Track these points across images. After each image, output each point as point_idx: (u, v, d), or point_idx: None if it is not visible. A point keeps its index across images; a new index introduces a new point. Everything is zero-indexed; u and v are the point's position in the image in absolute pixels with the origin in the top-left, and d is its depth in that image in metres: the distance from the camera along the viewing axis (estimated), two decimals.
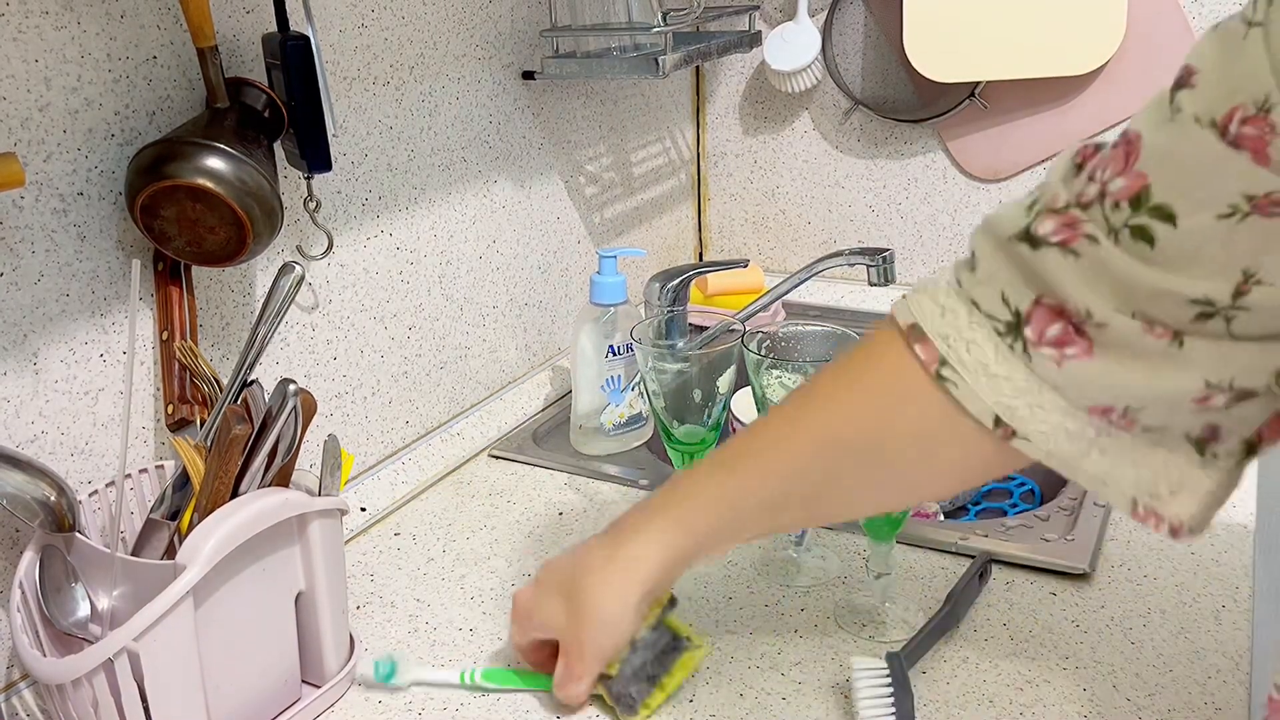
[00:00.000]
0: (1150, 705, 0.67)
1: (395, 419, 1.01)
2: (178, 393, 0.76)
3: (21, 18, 0.65)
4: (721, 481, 0.64)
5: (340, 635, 0.72)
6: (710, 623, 0.78)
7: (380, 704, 0.71)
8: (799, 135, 1.46)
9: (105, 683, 0.59)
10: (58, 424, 0.71)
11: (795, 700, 0.69)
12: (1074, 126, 1.29)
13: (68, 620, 0.64)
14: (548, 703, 0.70)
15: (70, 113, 0.69)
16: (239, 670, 0.65)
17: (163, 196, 0.68)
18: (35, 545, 0.65)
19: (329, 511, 0.68)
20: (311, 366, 0.91)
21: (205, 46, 0.71)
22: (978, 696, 0.69)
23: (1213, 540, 0.84)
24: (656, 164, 1.43)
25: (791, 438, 0.62)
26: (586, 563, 0.67)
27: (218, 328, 0.81)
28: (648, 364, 0.82)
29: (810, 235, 1.50)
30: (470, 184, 1.07)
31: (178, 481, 0.70)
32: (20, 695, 0.69)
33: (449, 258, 1.05)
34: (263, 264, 0.85)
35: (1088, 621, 0.76)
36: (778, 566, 0.84)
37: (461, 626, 0.79)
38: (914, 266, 1.44)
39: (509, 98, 1.10)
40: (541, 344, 1.22)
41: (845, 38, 1.39)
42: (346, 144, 0.91)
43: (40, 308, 0.69)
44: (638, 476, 1.00)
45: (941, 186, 1.39)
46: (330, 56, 0.88)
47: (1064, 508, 0.89)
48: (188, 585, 0.59)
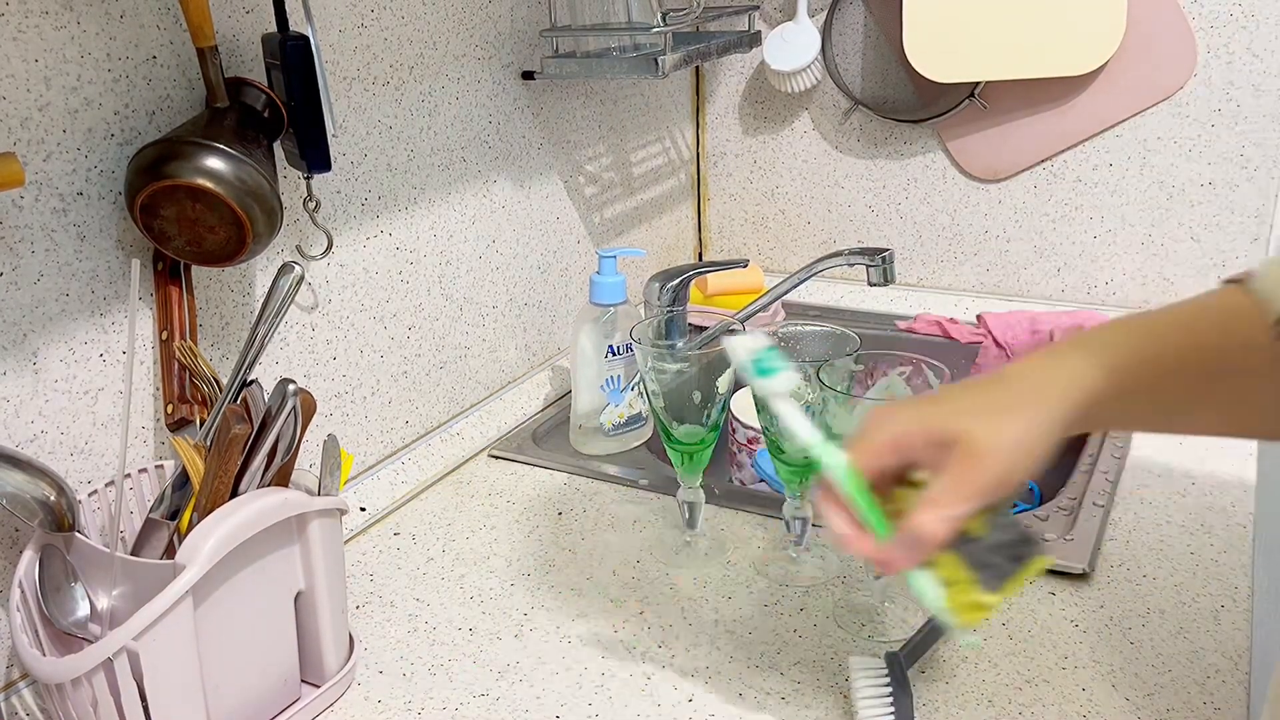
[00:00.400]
0: (1149, 705, 0.67)
1: (395, 419, 1.01)
2: (177, 392, 0.76)
3: (21, 18, 0.65)
4: (1139, 344, 0.58)
5: (340, 635, 0.72)
6: (710, 622, 0.78)
7: (380, 704, 0.71)
8: (799, 135, 1.46)
9: (105, 682, 0.59)
10: (57, 424, 0.71)
11: (795, 700, 0.69)
12: (1074, 126, 1.29)
13: (67, 620, 0.64)
14: (547, 704, 0.70)
15: (70, 112, 0.69)
16: (238, 670, 0.65)
17: (162, 196, 0.68)
18: (35, 545, 0.65)
19: (328, 511, 0.68)
20: (311, 366, 0.91)
21: (205, 46, 0.71)
22: (977, 696, 0.69)
23: (1212, 540, 0.84)
24: (656, 164, 1.43)
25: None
26: (992, 379, 0.57)
27: (217, 328, 0.81)
28: (647, 364, 0.82)
29: (810, 235, 1.50)
30: (470, 184, 1.07)
31: (177, 481, 0.70)
32: (20, 695, 0.69)
33: (449, 258, 1.05)
34: (262, 264, 0.85)
35: (1087, 621, 0.76)
36: (778, 566, 0.84)
37: (461, 626, 0.79)
38: (914, 266, 1.44)
39: (509, 98, 1.10)
40: (541, 344, 1.22)
41: (845, 38, 1.39)
42: (346, 144, 0.91)
43: (40, 307, 0.69)
44: (637, 476, 1.00)
45: (941, 186, 1.39)
46: (330, 56, 0.88)
47: (1063, 508, 0.89)
48: (187, 585, 0.59)
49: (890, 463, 0.57)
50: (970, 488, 0.53)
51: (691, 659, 0.74)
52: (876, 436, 0.57)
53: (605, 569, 0.86)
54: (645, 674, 0.73)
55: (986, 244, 1.39)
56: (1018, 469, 0.53)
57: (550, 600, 0.82)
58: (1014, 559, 0.55)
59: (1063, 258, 1.35)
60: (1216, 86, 1.21)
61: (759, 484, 1.07)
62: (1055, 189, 1.33)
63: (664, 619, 0.79)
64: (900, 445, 0.56)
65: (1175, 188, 1.27)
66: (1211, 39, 1.19)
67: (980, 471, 0.53)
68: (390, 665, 0.75)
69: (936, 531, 0.53)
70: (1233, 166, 1.23)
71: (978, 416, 0.54)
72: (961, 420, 0.54)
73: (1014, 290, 1.39)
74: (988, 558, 0.55)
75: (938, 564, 0.56)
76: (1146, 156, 1.27)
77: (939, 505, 0.53)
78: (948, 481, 0.53)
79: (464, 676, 0.73)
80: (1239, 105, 1.20)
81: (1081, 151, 1.30)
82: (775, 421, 0.78)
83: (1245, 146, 1.22)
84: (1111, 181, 1.30)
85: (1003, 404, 0.55)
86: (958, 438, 0.54)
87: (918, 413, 0.56)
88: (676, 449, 0.84)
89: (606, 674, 0.73)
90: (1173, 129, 1.25)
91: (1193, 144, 1.24)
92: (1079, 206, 1.32)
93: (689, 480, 0.85)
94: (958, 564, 0.55)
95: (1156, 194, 1.28)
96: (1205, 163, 1.24)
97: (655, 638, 0.76)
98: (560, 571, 0.85)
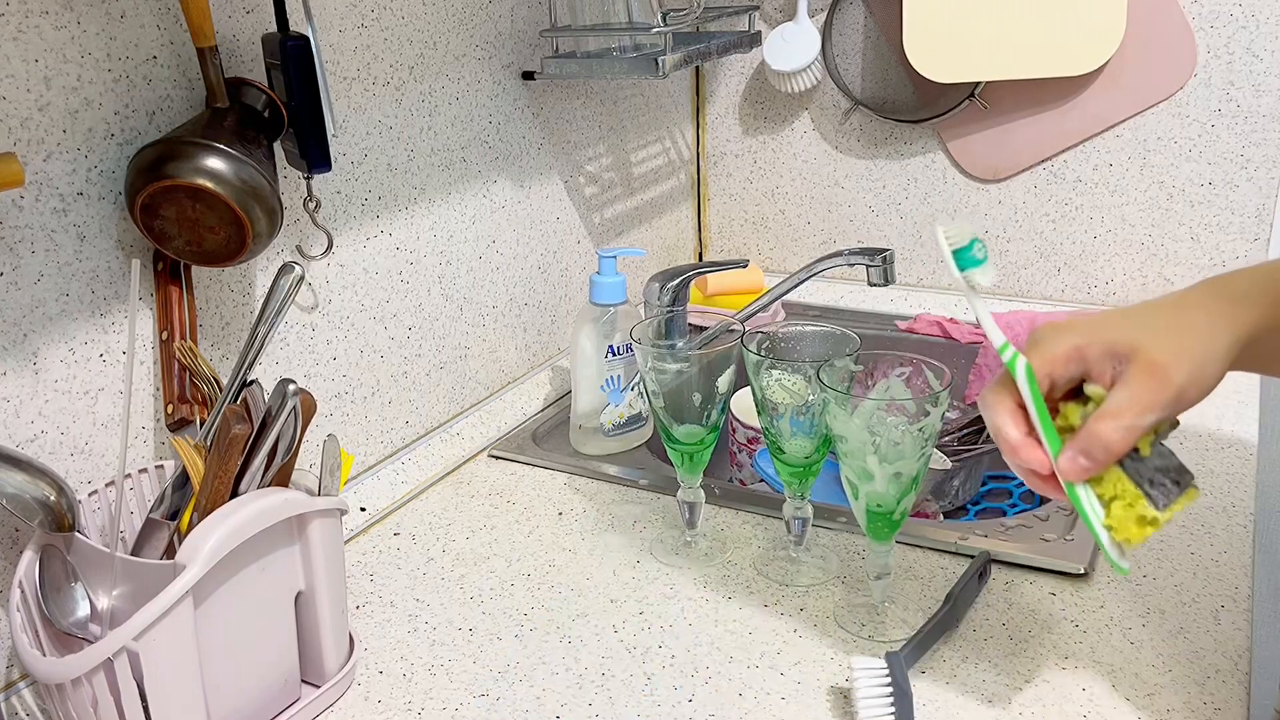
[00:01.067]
0: (1149, 705, 0.67)
1: (395, 419, 1.01)
2: (177, 393, 0.76)
3: (21, 18, 0.65)
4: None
5: (340, 635, 0.72)
6: (710, 623, 0.78)
7: (380, 704, 0.71)
8: (799, 135, 1.46)
9: (105, 682, 0.59)
10: (58, 424, 0.71)
11: (795, 700, 0.69)
12: (1074, 126, 1.29)
13: (67, 620, 0.64)
14: (547, 704, 0.70)
15: (70, 112, 0.69)
16: (238, 670, 0.65)
17: (163, 196, 0.68)
18: (35, 545, 0.65)
19: (328, 511, 0.68)
20: (311, 366, 0.91)
21: (205, 46, 0.71)
22: (977, 696, 0.69)
23: (1212, 540, 0.84)
24: (656, 164, 1.43)
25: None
26: (1160, 303, 0.57)
27: (217, 328, 0.81)
28: (647, 364, 0.82)
29: (810, 235, 1.50)
30: (470, 184, 1.07)
31: (177, 481, 0.70)
32: (20, 695, 0.69)
33: (449, 258, 1.05)
34: (263, 264, 0.85)
35: (1087, 621, 0.76)
36: (778, 566, 0.84)
37: (461, 626, 0.79)
38: (914, 266, 1.44)
39: (509, 98, 1.10)
40: (541, 344, 1.22)
41: (845, 38, 1.39)
42: (346, 144, 0.91)
43: (40, 308, 0.69)
44: (637, 476, 1.00)
45: (941, 186, 1.39)
46: (330, 56, 0.88)
47: (1063, 508, 0.89)
48: (187, 585, 0.59)
49: (1065, 373, 0.56)
50: (1153, 400, 0.53)
51: (691, 659, 0.74)
52: (1055, 346, 0.56)
53: (605, 569, 0.86)
54: (645, 674, 0.73)
55: (987, 244, 1.38)
56: (1197, 386, 0.53)
57: (550, 600, 0.82)
58: (1176, 483, 0.55)
59: (1063, 258, 1.35)
60: (1216, 86, 1.21)
61: (759, 484, 1.07)
62: (1055, 189, 1.33)
63: (664, 619, 0.79)
64: (1078, 355, 0.56)
65: (1175, 188, 1.27)
66: (1211, 39, 1.19)
67: (1163, 384, 0.53)
68: (390, 665, 0.75)
69: (1117, 441, 0.53)
70: (1233, 166, 1.23)
71: (1158, 333, 0.54)
72: (1142, 335, 0.54)
73: (1014, 290, 1.39)
74: (1155, 476, 0.54)
75: (1102, 481, 0.55)
76: (1146, 156, 1.27)
77: (1121, 415, 0.53)
78: (1130, 392, 0.53)
79: (464, 676, 0.73)
80: (1239, 105, 1.20)
81: (1081, 151, 1.30)
82: (776, 421, 0.78)
83: (1245, 146, 1.22)
84: (1111, 181, 1.30)
85: (1180, 324, 0.55)
86: (1139, 351, 0.53)
87: (1093, 326, 0.56)
88: (676, 449, 0.84)
89: (606, 674, 0.73)
90: (1173, 129, 1.25)
91: (1193, 144, 1.24)
92: (1079, 206, 1.32)
93: (689, 480, 0.85)
94: (1125, 480, 0.54)
95: (1156, 194, 1.28)
96: (1205, 163, 1.24)
97: (655, 638, 0.76)
98: (560, 571, 0.85)
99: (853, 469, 0.71)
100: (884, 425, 0.68)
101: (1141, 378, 0.53)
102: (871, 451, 0.68)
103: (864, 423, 0.68)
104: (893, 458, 0.68)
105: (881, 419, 0.68)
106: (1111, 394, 0.54)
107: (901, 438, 0.68)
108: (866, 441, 0.68)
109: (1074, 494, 0.56)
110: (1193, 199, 1.26)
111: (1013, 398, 0.57)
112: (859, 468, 0.70)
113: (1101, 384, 0.56)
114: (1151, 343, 0.54)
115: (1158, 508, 0.54)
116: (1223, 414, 1.06)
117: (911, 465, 0.69)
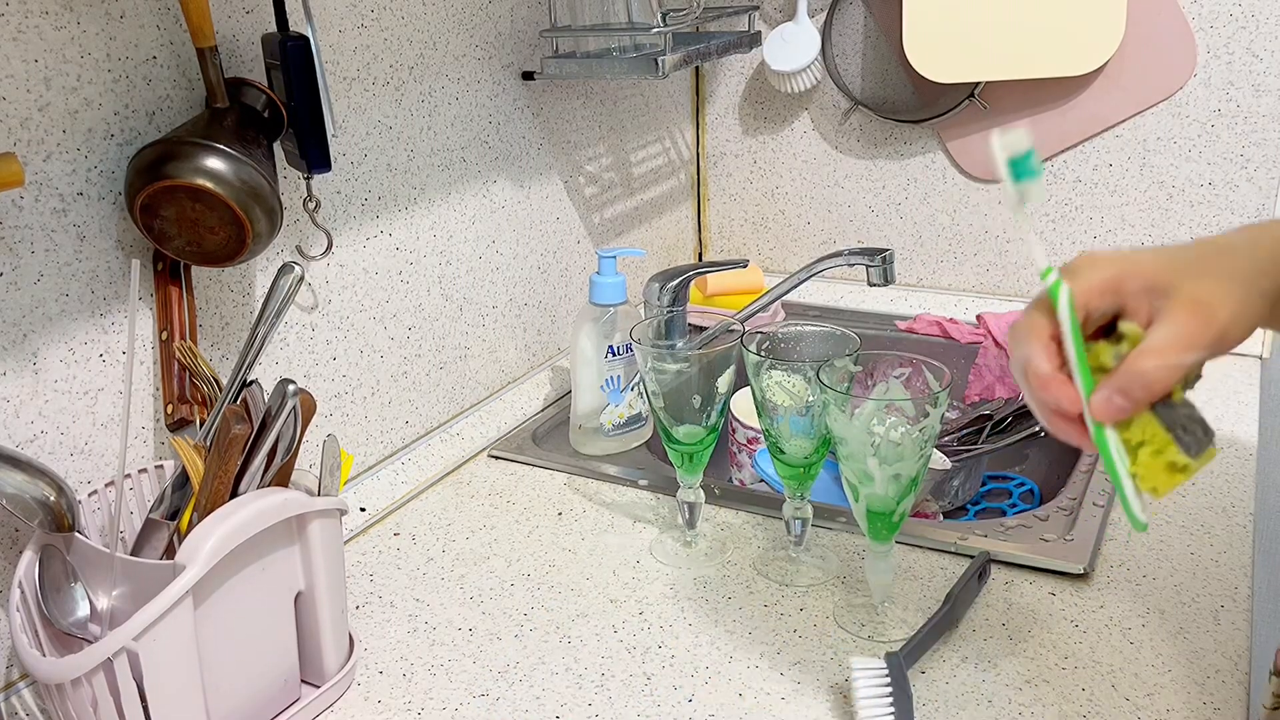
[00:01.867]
0: (1149, 705, 0.67)
1: (395, 419, 1.01)
2: (177, 393, 0.76)
3: (21, 18, 0.65)
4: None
5: (340, 635, 0.72)
6: (710, 623, 0.78)
7: (380, 704, 0.71)
8: (799, 135, 1.46)
9: (104, 682, 0.59)
10: (57, 424, 0.71)
11: (795, 700, 0.69)
12: (1074, 126, 1.29)
13: (67, 620, 0.64)
14: (547, 704, 0.70)
15: (70, 113, 0.69)
16: (238, 670, 0.65)
17: (162, 196, 0.68)
18: (35, 545, 0.65)
19: (328, 511, 0.68)
20: (311, 366, 0.91)
21: (205, 46, 0.71)
22: (977, 696, 0.69)
23: (1212, 540, 0.84)
24: (656, 164, 1.43)
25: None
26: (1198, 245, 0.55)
27: (217, 328, 0.81)
28: (647, 364, 0.82)
29: (810, 235, 1.50)
30: (470, 184, 1.07)
31: (177, 481, 0.70)
32: (20, 695, 0.69)
33: (449, 258, 1.05)
34: (262, 264, 0.85)
35: (1086, 621, 0.76)
36: (777, 566, 0.84)
37: (461, 626, 0.79)
38: (914, 266, 1.44)
39: (508, 98, 1.10)
40: (541, 344, 1.22)
41: (845, 38, 1.39)
42: (346, 144, 0.91)
43: (40, 308, 0.69)
44: (637, 476, 1.00)
45: (941, 186, 1.39)
46: (330, 56, 0.88)
47: (1063, 508, 0.89)
48: (187, 585, 0.59)
49: (1101, 305, 0.54)
50: (1197, 337, 0.50)
51: (691, 659, 0.74)
52: (1092, 277, 0.53)
53: (605, 569, 0.86)
54: (645, 674, 0.73)
55: (986, 244, 1.39)
56: (1239, 326, 0.51)
57: (550, 600, 0.82)
58: (1205, 432, 0.52)
59: (1063, 258, 1.34)
60: (1216, 86, 1.21)
61: (759, 484, 1.07)
62: (1055, 189, 1.33)
63: (664, 619, 0.79)
64: (1116, 288, 0.53)
65: (1175, 188, 1.27)
66: (1211, 39, 1.19)
67: (1207, 322, 0.50)
68: (390, 665, 0.75)
69: (1159, 380, 0.50)
70: (1233, 166, 1.23)
71: (1201, 272, 0.52)
72: (1184, 272, 0.52)
73: (1014, 290, 1.39)
74: (1187, 423, 0.51)
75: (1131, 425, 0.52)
76: (1146, 156, 1.27)
77: (1165, 353, 0.50)
78: (1174, 329, 0.51)
79: (464, 676, 0.73)
80: (1239, 105, 1.20)
81: (1081, 151, 1.30)
82: (776, 421, 0.78)
83: (1245, 147, 1.22)
84: (1111, 181, 1.30)
85: (1222, 266, 0.53)
86: (1180, 288, 0.51)
87: (1133, 259, 0.53)
88: (676, 449, 0.84)
89: (606, 674, 0.73)
90: (1173, 129, 1.25)
91: (1193, 144, 1.24)
92: (1079, 206, 1.32)
93: (689, 480, 0.85)
94: (1155, 424, 0.52)
95: (1156, 194, 1.28)
96: (1205, 163, 1.24)
97: (655, 638, 0.76)
98: (560, 571, 0.85)
99: (853, 471, 0.71)
100: (884, 426, 0.68)
101: (1185, 315, 0.51)
102: (871, 454, 0.68)
103: (864, 425, 0.68)
104: (892, 459, 0.68)
105: (881, 420, 0.69)
106: (1153, 330, 0.51)
107: (901, 439, 0.68)
108: (866, 444, 0.68)
109: (1101, 437, 0.52)
110: (1193, 199, 1.26)
111: (1049, 328, 0.54)
112: (859, 470, 0.70)
113: (1137, 320, 0.53)
114: (1194, 281, 0.51)
115: (1190, 455, 0.51)
116: (1223, 414, 1.06)
117: (911, 466, 0.69)
